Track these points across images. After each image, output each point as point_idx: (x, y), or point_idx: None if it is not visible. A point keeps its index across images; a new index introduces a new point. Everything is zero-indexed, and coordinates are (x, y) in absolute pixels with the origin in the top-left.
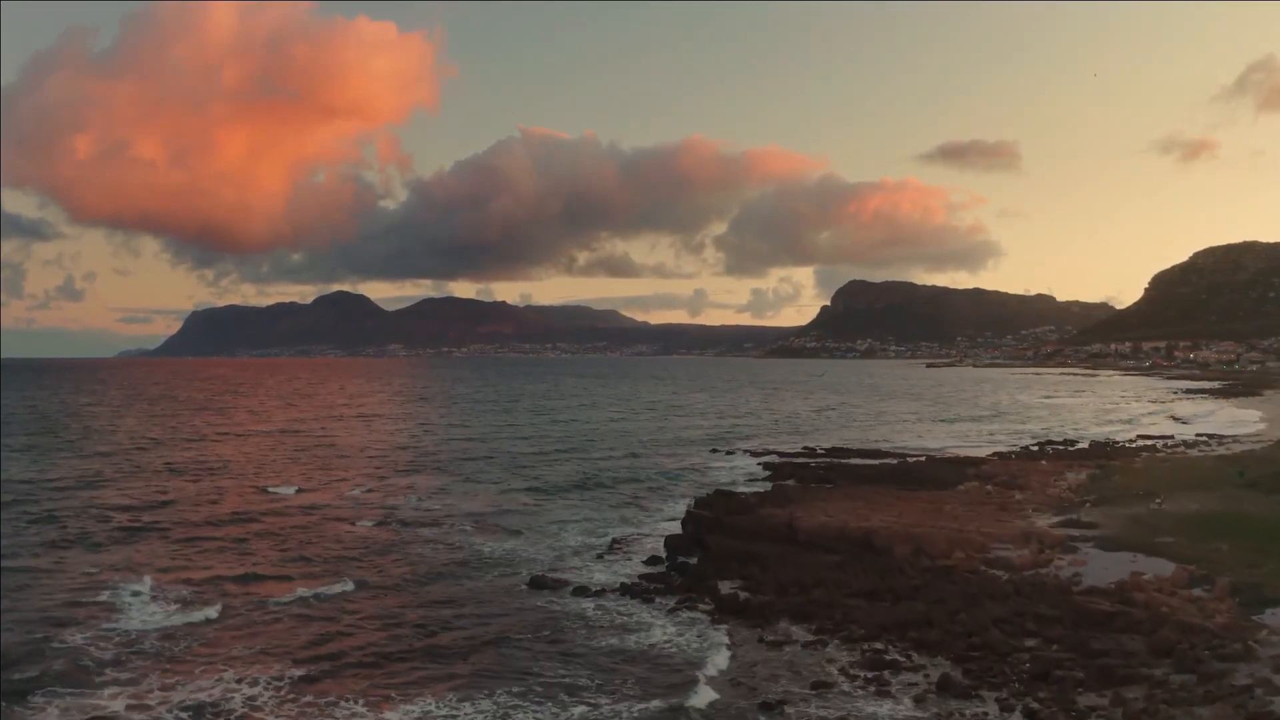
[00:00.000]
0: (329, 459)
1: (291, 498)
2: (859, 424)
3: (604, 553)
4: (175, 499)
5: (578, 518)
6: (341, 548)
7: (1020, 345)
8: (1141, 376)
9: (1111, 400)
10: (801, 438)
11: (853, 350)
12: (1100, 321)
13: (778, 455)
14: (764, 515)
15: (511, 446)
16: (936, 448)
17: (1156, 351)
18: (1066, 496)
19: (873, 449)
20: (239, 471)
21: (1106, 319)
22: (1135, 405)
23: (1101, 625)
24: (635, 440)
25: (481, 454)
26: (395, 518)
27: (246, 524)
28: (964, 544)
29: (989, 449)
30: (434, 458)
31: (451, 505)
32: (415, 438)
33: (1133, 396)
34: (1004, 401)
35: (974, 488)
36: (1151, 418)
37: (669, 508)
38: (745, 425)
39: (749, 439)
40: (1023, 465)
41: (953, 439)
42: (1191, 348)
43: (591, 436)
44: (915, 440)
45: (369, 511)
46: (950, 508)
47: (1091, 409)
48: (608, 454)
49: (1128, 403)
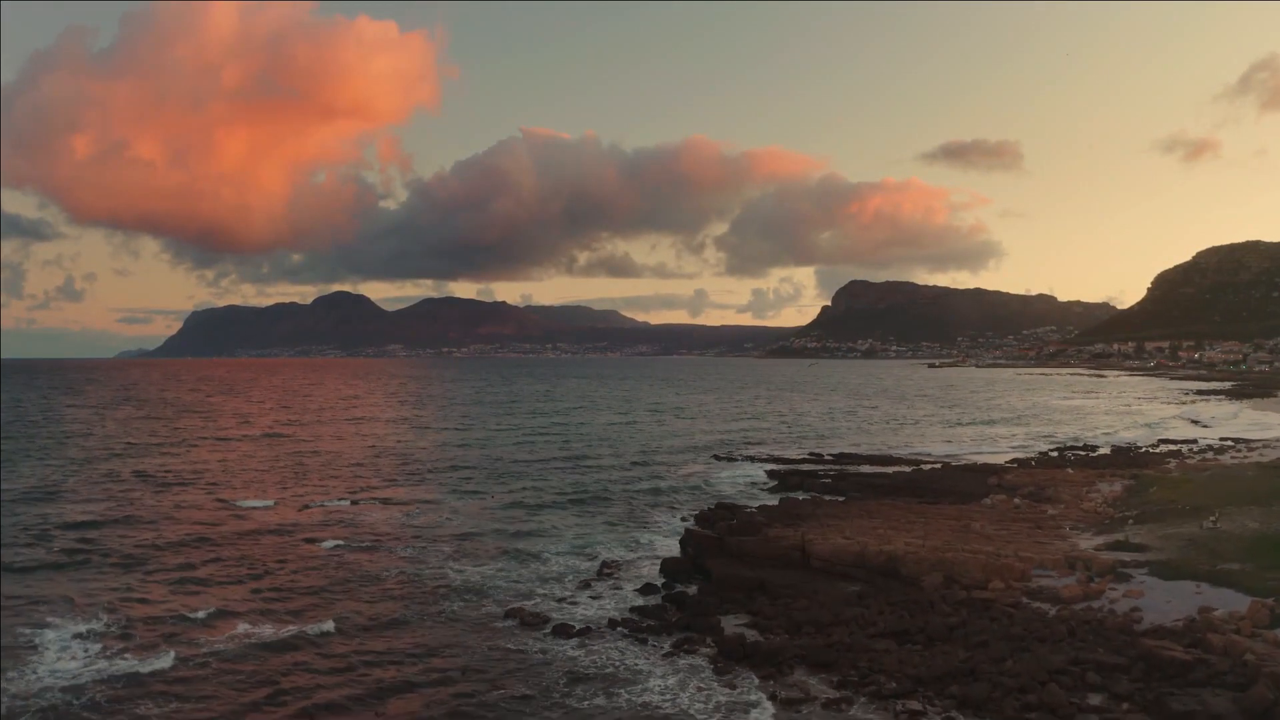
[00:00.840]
0: (309, 468)
1: (260, 514)
2: (867, 427)
3: (593, 578)
4: (134, 515)
5: (567, 535)
6: (305, 576)
7: (1022, 345)
8: (1147, 377)
9: (1124, 402)
10: (808, 443)
11: (854, 350)
12: (1103, 321)
13: (784, 463)
14: (773, 537)
15: (504, 453)
16: (952, 454)
17: (1160, 352)
18: (1104, 512)
19: (884, 455)
20: (210, 482)
21: (1109, 319)
22: (1148, 407)
23: (1177, 677)
24: (634, 446)
25: (471, 462)
26: (369, 536)
27: (206, 547)
28: (1001, 571)
29: (1007, 455)
30: (420, 466)
31: (433, 521)
32: (403, 443)
33: (1145, 398)
34: (1016, 403)
35: (1001, 501)
36: (1169, 420)
37: (667, 522)
38: (749, 429)
39: (753, 444)
40: (1048, 474)
41: (967, 443)
42: (1195, 348)
43: (588, 442)
44: (928, 445)
45: (341, 530)
46: (979, 525)
47: (1104, 411)
48: (604, 461)
49: (1140, 404)
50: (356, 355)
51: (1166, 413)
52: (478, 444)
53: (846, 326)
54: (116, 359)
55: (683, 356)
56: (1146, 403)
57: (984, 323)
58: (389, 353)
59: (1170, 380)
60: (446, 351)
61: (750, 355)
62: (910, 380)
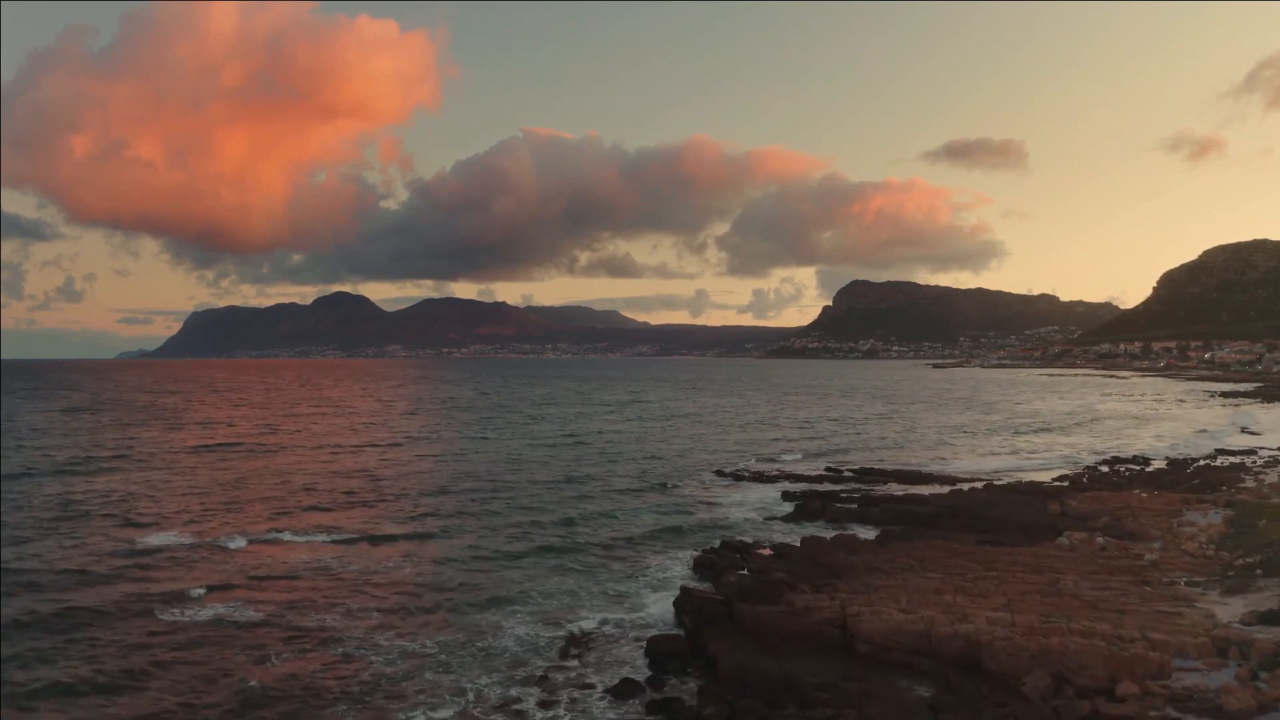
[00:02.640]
0: (251, 489)
1: (158, 554)
2: (885, 435)
3: (554, 665)
4: (17, 549)
5: (537, 588)
6: (178, 653)
7: (1025, 346)
8: (1159, 377)
9: (1148, 404)
10: (824, 455)
11: (855, 351)
12: (1108, 321)
13: (799, 480)
14: (802, 608)
15: (480, 469)
16: (988, 470)
17: (1168, 352)
18: (1215, 556)
19: (912, 471)
20: (127, 508)
21: (1114, 318)
22: (1178, 410)
23: None
24: (630, 462)
25: (440, 482)
26: (283, 591)
27: (70, 601)
28: (1131, 666)
29: (1052, 470)
30: (380, 487)
31: (370, 566)
32: (371, 457)
33: (1171, 400)
34: (1039, 406)
35: (1081, 541)
36: (1211, 425)
37: (661, 567)
38: (756, 439)
39: (763, 458)
40: (1117, 498)
41: (1002, 455)
42: (1204, 348)
43: (579, 456)
44: (959, 458)
45: (251, 582)
46: (1070, 580)
47: (1135, 415)
48: (595, 482)
49: (1168, 407)
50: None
51: (1203, 417)
52: (453, 458)
53: (847, 327)
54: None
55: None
56: (1175, 405)
57: (986, 323)
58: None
59: (1186, 381)
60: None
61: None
62: (918, 382)
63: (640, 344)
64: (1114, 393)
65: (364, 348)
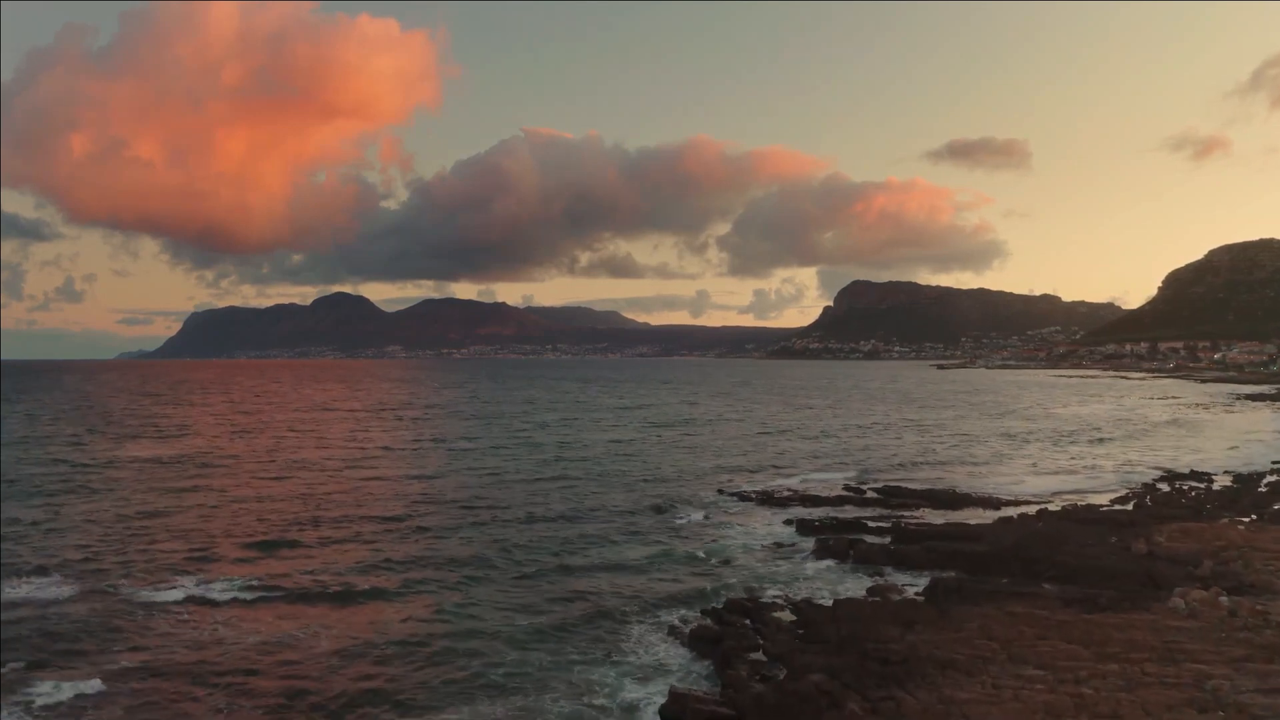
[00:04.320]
0: (179, 518)
1: (39, 607)
2: (903, 444)
3: None
4: None
5: (485, 681)
6: None
7: (1028, 346)
8: (1172, 379)
9: (1176, 409)
10: (840, 469)
11: (856, 351)
12: (1112, 321)
13: (815, 503)
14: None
15: (452, 494)
16: (1036, 490)
17: (1175, 353)
18: None
19: (946, 491)
20: (24, 544)
21: (1119, 319)
22: (1209, 415)
23: None
24: (621, 480)
25: (400, 509)
26: (150, 688)
27: None
28: None
29: (1106, 489)
30: (326, 519)
31: (272, 637)
32: (330, 477)
33: (1195, 404)
34: (1060, 412)
35: (1201, 601)
36: (1260, 433)
37: (647, 643)
38: (762, 448)
39: (769, 471)
40: (1209, 531)
41: (1043, 470)
42: (1212, 349)
43: (567, 471)
44: (994, 473)
45: (132, 659)
46: (1219, 675)
47: (1169, 421)
48: (578, 506)
49: (1197, 412)
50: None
51: (1238, 422)
52: (424, 476)
53: (848, 327)
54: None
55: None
56: (1203, 410)
57: (987, 323)
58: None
59: (1201, 383)
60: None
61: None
62: (929, 383)
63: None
64: (1134, 395)
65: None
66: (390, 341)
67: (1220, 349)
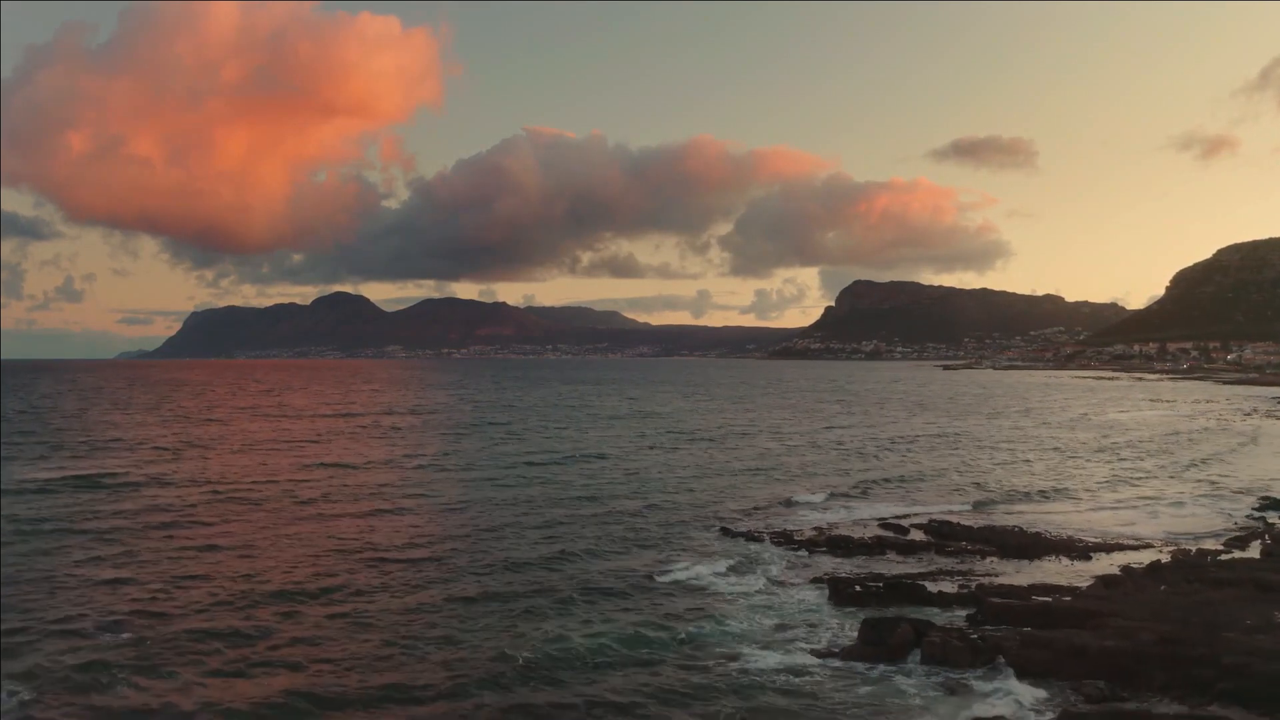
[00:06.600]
0: (110, 552)
1: None
2: (937, 459)
3: None
4: None
5: None
6: None
7: (1032, 346)
8: (1189, 380)
9: (1217, 416)
10: (870, 495)
11: (858, 352)
12: (1119, 321)
13: (847, 552)
14: None
15: (425, 528)
16: (1120, 529)
17: (1185, 353)
18: None
19: (1011, 528)
20: None
21: (1126, 319)
22: (1256, 424)
23: None
24: (617, 508)
25: (357, 545)
26: None
27: None
28: None
29: (1203, 526)
30: (264, 569)
31: None
32: (280, 503)
33: (1232, 409)
34: (1094, 419)
35: None
36: None
37: None
38: (774, 466)
39: (785, 499)
40: None
41: (1110, 496)
42: (1223, 349)
43: (555, 496)
44: (1056, 497)
45: None
46: None
47: (1220, 430)
48: (561, 550)
49: (1239, 417)
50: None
51: None
52: (395, 494)
53: (850, 327)
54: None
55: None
56: (1244, 416)
57: (990, 323)
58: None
59: (1223, 384)
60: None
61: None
62: (940, 384)
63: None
64: (1165, 399)
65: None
66: (390, 341)
67: (1231, 349)
